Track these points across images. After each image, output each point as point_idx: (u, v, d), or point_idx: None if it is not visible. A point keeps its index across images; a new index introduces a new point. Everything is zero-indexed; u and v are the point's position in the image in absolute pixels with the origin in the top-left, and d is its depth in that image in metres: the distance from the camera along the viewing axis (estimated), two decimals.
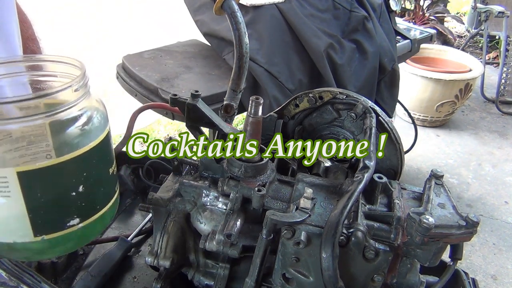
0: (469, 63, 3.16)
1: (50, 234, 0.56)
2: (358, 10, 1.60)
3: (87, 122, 0.57)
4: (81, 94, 0.56)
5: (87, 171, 0.58)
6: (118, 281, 0.81)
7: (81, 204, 0.58)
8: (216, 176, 0.65)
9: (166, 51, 1.59)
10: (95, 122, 0.58)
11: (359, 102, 0.70)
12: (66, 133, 0.55)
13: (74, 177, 0.56)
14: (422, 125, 3.17)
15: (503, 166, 2.79)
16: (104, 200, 0.63)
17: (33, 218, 0.54)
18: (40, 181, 0.53)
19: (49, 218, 0.56)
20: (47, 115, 0.53)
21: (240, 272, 0.68)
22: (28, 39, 1.01)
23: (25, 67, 0.63)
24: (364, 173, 0.59)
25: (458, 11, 5.81)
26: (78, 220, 0.58)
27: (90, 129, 0.57)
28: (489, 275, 1.96)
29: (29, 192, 0.52)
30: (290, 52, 1.44)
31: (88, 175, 0.58)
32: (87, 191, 0.58)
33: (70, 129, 0.55)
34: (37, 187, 0.53)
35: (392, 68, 1.67)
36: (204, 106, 0.71)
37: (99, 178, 0.61)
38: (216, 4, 0.72)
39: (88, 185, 0.58)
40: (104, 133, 0.60)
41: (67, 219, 0.57)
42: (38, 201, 0.54)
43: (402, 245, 0.57)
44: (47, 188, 0.54)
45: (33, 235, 0.55)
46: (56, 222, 0.57)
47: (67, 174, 0.55)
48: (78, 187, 0.57)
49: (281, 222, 0.55)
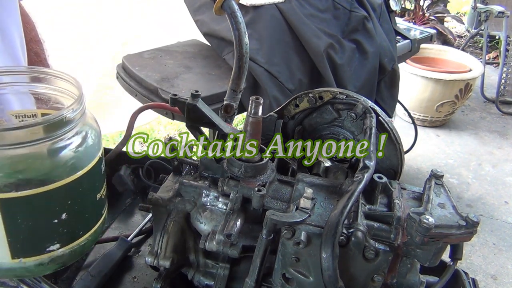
0: (469, 63, 3.16)
1: (28, 257, 0.55)
2: (358, 10, 1.60)
3: (81, 144, 0.55)
4: (79, 116, 0.55)
5: (73, 199, 0.56)
6: (118, 281, 0.81)
7: (63, 231, 0.56)
8: (216, 176, 0.65)
9: (166, 51, 1.59)
10: (89, 142, 0.57)
11: (359, 102, 0.70)
12: (60, 156, 0.53)
13: (58, 205, 0.55)
14: (422, 125, 3.17)
15: (503, 166, 2.79)
16: (88, 226, 0.61)
17: (12, 242, 0.53)
18: (23, 209, 0.52)
19: (29, 243, 0.55)
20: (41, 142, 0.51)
21: (240, 272, 0.68)
22: (31, 41, 1.02)
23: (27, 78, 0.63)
24: (364, 173, 0.59)
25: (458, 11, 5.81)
26: (58, 245, 0.57)
27: (84, 151, 0.56)
28: (489, 275, 1.96)
29: (9, 218, 0.51)
30: (290, 52, 1.44)
31: (73, 203, 0.56)
32: (70, 218, 0.56)
33: (64, 152, 0.54)
34: (19, 213, 0.52)
35: (392, 68, 1.67)
36: (204, 106, 0.71)
37: (85, 205, 0.59)
38: (216, 4, 0.72)
39: (72, 212, 0.56)
40: (96, 158, 0.58)
41: (46, 244, 0.56)
42: (18, 226, 0.53)
43: (402, 245, 0.57)
44: (29, 216, 0.53)
45: (11, 257, 0.54)
46: (35, 246, 0.56)
47: (52, 202, 0.54)
48: (61, 214, 0.55)
49: (281, 222, 0.55)
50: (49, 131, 0.51)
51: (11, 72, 0.61)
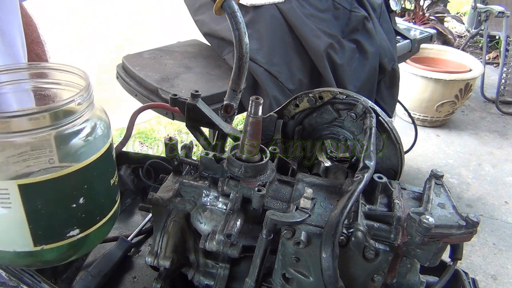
0: (469, 63, 3.16)
1: (50, 244, 0.57)
2: (358, 10, 1.60)
3: (90, 133, 0.57)
4: (86, 105, 0.56)
5: (88, 183, 0.58)
6: (118, 281, 0.81)
7: (81, 216, 0.58)
8: (216, 176, 0.65)
9: (166, 51, 1.59)
10: (98, 132, 0.58)
11: (359, 102, 0.70)
12: (70, 144, 0.55)
13: (75, 189, 0.56)
14: (422, 125, 3.17)
15: (503, 166, 2.79)
16: (104, 211, 0.63)
17: (33, 229, 0.55)
18: (41, 194, 0.53)
19: (49, 229, 0.56)
20: (53, 127, 0.53)
21: (240, 272, 0.68)
22: (32, 42, 1.02)
23: (28, 75, 0.63)
24: (364, 173, 0.59)
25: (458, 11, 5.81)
26: (78, 230, 0.58)
27: (94, 140, 0.57)
28: (489, 275, 1.96)
29: (29, 204, 0.53)
30: (290, 52, 1.44)
31: (89, 187, 0.58)
32: (88, 203, 0.58)
33: (74, 141, 0.55)
34: (38, 199, 0.53)
35: (392, 68, 1.67)
36: (204, 106, 0.71)
37: (100, 190, 0.61)
38: (216, 4, 0.72)
39: (88, 197, 0.58)
40: (107, 145, 0.60)
41: (66, 229, 0.58)
42: (38, 212, 0.54)
43: (402, 245, 0.57)
44: (48, 201, 0.54)
45: (33, 245, 0.56)
46: (55, 232, 0.57)
47: (68, 187, 0.56)
48: (79, 199, 0.57)
49: (281, 222, 0.55)
50: (55, 119, 0.52)
51: (12, 70, 0.61)
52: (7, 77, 0.61)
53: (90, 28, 2.16)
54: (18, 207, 0.52)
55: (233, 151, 0.66)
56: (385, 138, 0.71)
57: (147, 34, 2.34)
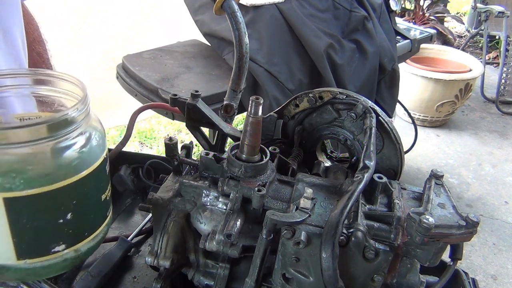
0: (469, 63, 3.16)
1: (34, 259, 0.55)
2: (358, 10, 1.60)
3: (85, 144, 0.55)
4: (83, 116, 0.54)
5: (78, 199, 0.56)
6: (118, 281, 0.81)
7: (68, 231, 0.56)
8: (216, 176, 0.65)
9: (166, 51, 1.59)
10: (93, 143, 0.56)
11: (359, 102, 0.70)
12: (63, 157, 0.53)
13: (64, 205, 0.54)
14: (422, 125, 3.17)
15: (503, 166, 2.79)
16: (92, 227, 0.60)
17: (17, 242, 0.53)
18: (27, 208, 0.51)
19: (34, 243, 0.54)
20: (50, 139, 0.51)
21: (240, 272, 0.68)
22: (34, 41, 1.02)
23: (30, 80, 0.62)
24: (364, 173, 0.59)
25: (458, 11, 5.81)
26: (63, 246, 0.56)
27: (88, 152, 0.55)
28: (489, 275, 1.96)
29: (14, 218, 0.51)
30: (290, 52, 1.44)
31: (79, 203, 0.56)
32: (76, 219, 0.56)
33: (67, 153, 0.53)
34: (24, 213, 0.51)
35: (392, 68, 1.67)
36: (204, 106, 0.71)
37: (90, 206, 0.59)
38: (216, 4, 0.72)
39: (77, 212, 0.56)
40: (101, 158, 0.58)
41: (52, 245, 0.56)
42: (23, 226, 0.52)
43: (402, 245, 0.57)
44: (34, 215, 0.52)
45: (16, 258, 0.54)
46: (40, 247, 0.55)
47: (56, 202, 0.54)
48: (67, 214, 0.55)
49: (281, 222, 0.55)
50: (52, 131, 0.51)
51: (14, 75, 0.61)
52: (10, 82, 0.60)
53: (90, 28, 2.16)
54: (3, 220, 0.51)
55: (233, 151, 0.66)
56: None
57: (147, 34, 2.34)
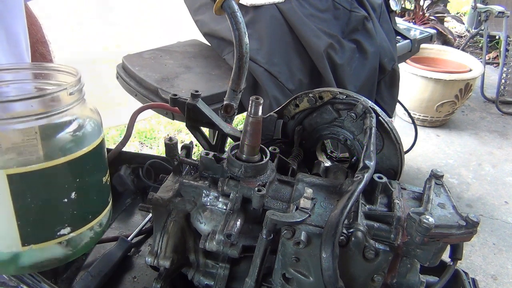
0: (469, 63, 3.16)
1: (39, 244, 0.54)
2: (358, 10, 1.60)
3: (79, 129, 0.56)
4: (74, 99, 0.55)
5: (80, 177, 0.56)
6: (118, 281, 0.81)
7: (73, 212, 0.56)
8: (216, 176, 0.65)
9: (166, 51, 1.59)
10: (87, 128, 0.57)
11: (359, 102, 0.70)
12: (57, 137, 0.53)
13: (67, 182, 0.54)
14: (422, 125, 3.17)
15: (503, 166, 2.79)
16: (96, 209, 0.61)
17: (22, 225, 0.52)
18: (31, 185, 0.51)
19: (39, 225, 0.53)
20: (37, 117, 0.51)
21: (240, 272, 0.68)
22: (37, 42, 1.02)
23: (31, 74, 0.62)
24: (364, 173, 0.59)
25: (458, 11, 5.81)
26: (69, 229, 0.56)
27: (83, 136, 0.56)
28: (489, 275, 1.96)
29: (18, 196, 0.50)
30: (290, 52, 1.44)
31: (81, 182, 0.56)
32: (80, 199, 0.56)
33: (61, 134, 0.54)
34: (27, 191, 0.51)
35: (392, 68, 1.67)
36: (204, 106, 0.71)
37: (92, 186, 0.59)
38: (216, 4, 0.72)
39: (80, 192, 0.56)
40: (98, 141, 0.59)
41: (57, 227, 0.55)
42: (28, 206, 0.51)
43: (402, 245, 0.57)
44: (38, 193, 0.52)
45: (21, 244, 0.53)
46: (46, 230, 0.54)
47: (59, 179, 0.54)
48: (70, 193, 0.55)
49: (281, 222, 0.55)
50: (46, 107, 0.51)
51: (14, 69, 0.61)
52: (11, 76, 0.60)
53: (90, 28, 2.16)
54: (7, 200, 0.50)
55: (233, 151, 0.66)
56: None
57: (147, 34, 2.34)
